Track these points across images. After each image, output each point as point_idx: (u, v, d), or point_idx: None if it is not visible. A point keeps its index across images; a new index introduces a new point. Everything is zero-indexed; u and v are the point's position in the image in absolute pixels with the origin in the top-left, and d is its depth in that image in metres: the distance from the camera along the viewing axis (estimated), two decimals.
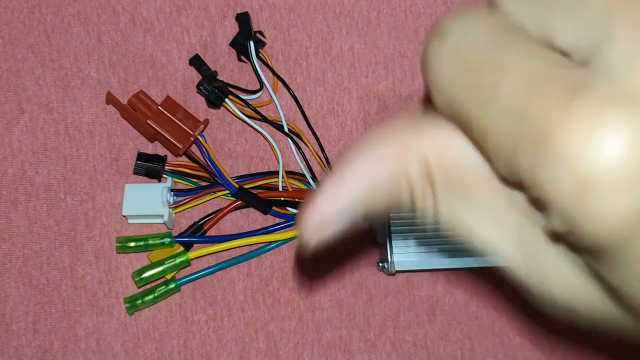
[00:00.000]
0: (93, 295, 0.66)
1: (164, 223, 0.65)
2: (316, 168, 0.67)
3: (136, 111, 0.65)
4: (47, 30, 0.68)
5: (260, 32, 0.68)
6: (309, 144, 0.66)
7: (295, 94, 0.67)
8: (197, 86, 0.65)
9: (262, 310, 0.66)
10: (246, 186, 0.65)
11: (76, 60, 0.68)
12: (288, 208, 0.65)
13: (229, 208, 0.65)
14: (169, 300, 0.66)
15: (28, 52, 0.68)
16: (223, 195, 0.65)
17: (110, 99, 0.65)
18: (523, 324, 0.67)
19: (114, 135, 0.67)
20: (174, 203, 0.65)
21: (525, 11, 0.25)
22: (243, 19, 0.67)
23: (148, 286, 0.64)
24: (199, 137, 0.64)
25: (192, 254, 0.63)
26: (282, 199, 0.65)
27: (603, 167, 0.22)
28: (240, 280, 0.66)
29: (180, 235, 0.65)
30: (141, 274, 0.63)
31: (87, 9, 0.68)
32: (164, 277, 0.63)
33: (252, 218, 0.67)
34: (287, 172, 0.66)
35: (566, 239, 0.25)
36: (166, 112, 0.64)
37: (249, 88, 0.67)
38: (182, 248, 0.64)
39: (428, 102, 0.27)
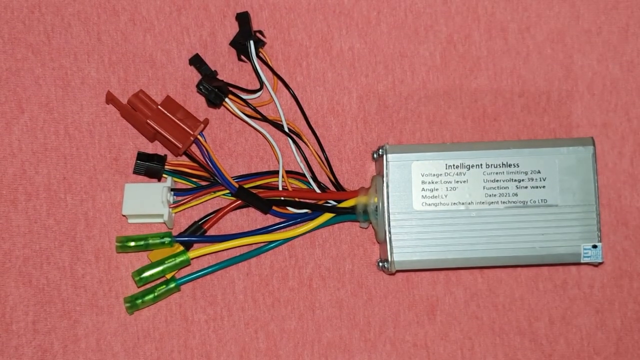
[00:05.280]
0: (93, 294, 0.66)
1: (164, 223, 0.65)
2: (316, 168, 0.67)
3: (136, 111, 0.65)
4: (47, 29, 0.68)
5: (260, 32, 0.68)
6: (309, 144, 0.66)
7: (295, 93, 0.67)
8: (197, 86, 0.65)
9: (262, 310, 0.66)
10: (246, 186, 0.65)
11: (76, 59, 0.68)
12: (288, 208, 0.65)
13: (229, 208, 0.65)
14: (169, 300, 0.66)
15: (28, 52, 0.68)
16: (223, 194, 0.65)
17: (110, 99, 0.65)
18: (523, 324, 0.67)
19: (114, 135, 0.67)
20: (174, 203, 0.65)
21: None
22: (243, 19, 0.67)
23: (148, 286, 0.64)
24: (199, 136, 0.64)
25: (192, 254, 0.63)
26: (282, 198, 0.65)
27: None
28: (240, 280, 0.66)
29: (180, 234, 0.64)
30: (141, 274, 0.63)
31: (87, 9, 0.68)
32: (164, 276, 0.63)
33: (252, 218, 0.67)
34: (287, 172, 0.66)
35: None
36: (166, 112, 0.64)
37: (249, 88, 0.67)
38: (182, 248, 0.64)
39: None
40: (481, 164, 0.63)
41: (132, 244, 0.64)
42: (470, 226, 0.63)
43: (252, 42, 0.66)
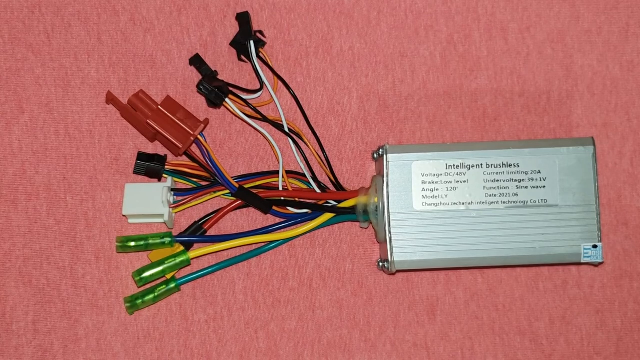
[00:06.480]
0: (93, 294, 0.66)
1: (164, 223, 0.65)
2: (316, 168, 0.67)
3: (136, 111, 0.65)
4: (47, 29, 0.68)
5: (261, 32, 0.68)
6: (309, 144, 0.66)
7: (296, 93, 0.67)
8: (198, 86, 0.65)
9: (262, 310, 0.66)
10: (246, 186, 0.65)
11: (76, 60, 0.68)
12: (288, 208, 0.65)
13: (229, 208, 0.65)
14: (169, 300, 0.66)
15: (28, 52, 0.68)
16: (223, 194, 0.65)
17: (111, 99, 0.65)
18: (523, 324, 0.67)
19: (114, 135, 0.67)
20: (174, 203, 0.65)
21: None
22: (243, 19, 0.67)
23: (148, 286, 0.64)
24: (199, 136, 0.64)
25: (192, 254, 0.64)
26: (282, 198, 0.65)
27: None
28: (240, 280, 0.67)
29: (181, 234, 0.65)
30: (141, 274, 0.63)
31: (87, 9, 0.68)
32: (164, 276, 0.64)
33: (252, 218, 0.67)
34: (287, 172, 0.66)
35: None
36: (166, 112, 0.64)
37: (249, 88, 0.67)
38: (182, 248, 0.64)
39: None
40: (481, 164, 0.63)
41: (133, 244, 0.64)
42: (470, 226, 0.63)
43: (252, 42, 0.66)
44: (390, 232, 0.63)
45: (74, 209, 0.66)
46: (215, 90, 0.65)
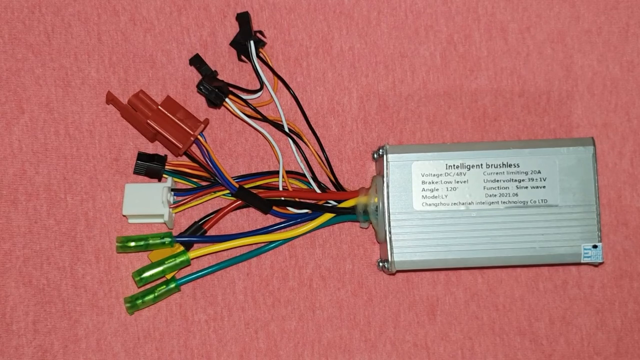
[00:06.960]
0: (93, 295, 0.66)
1: (164, 223, 0.65)
2: (316, 168, 0.67)
3: (136, 111, 0.65)
4: (47, 30, 0.68)
5: (261, 32, 0.68)
6: (309, 144, 0.66)
7: (296, 93, 0.67)
8: (198, 86, 0.65)
9: (262, 310, 0.66)
10: (246, 186, 0.65)
11: (76, 60, 0.68)
12: (288, 208, 0.65)
13: (229, 208, 0.65)
14: (169, 300, 0.66)
15: (28, 52, 0.68)
16: (223, 195, 0.65)
17: (111, 99, 0.65)
18: (523, 324, 0.67)
19: (114, 135, 0.67)
20: (174, 203, 0.65)
21: None
22: (243, 19, 0.67)
23: (148, 286, 0.64)
24: (199, 136, 0.64)
25: (192, 254, 0.64)
26: (283, 198, 0.65)
27: None
28: (240, 280, 0.67)
29: (181, 235, 0.65)
30: (141, 274, 0.63)
31: (87, 9, 0.68)
32: (164, 276, 0.64)
33: (252, 218, 0.67)
34: (287, 172, 0.66)
35: None
36: (166, 112, 0.64)
37: (249, 88, 0.67)
38: (182, 248, 0.64)
39: None
40: (481, 164, 0.63)
41: (133, 244, 0.64)
42: (470, 226, 0.63)
43: (252, 42, 0.66)
44: (390, 232, 0.63)
45: (74, 209, 0.66)
46: (215, 90, 0.65)
